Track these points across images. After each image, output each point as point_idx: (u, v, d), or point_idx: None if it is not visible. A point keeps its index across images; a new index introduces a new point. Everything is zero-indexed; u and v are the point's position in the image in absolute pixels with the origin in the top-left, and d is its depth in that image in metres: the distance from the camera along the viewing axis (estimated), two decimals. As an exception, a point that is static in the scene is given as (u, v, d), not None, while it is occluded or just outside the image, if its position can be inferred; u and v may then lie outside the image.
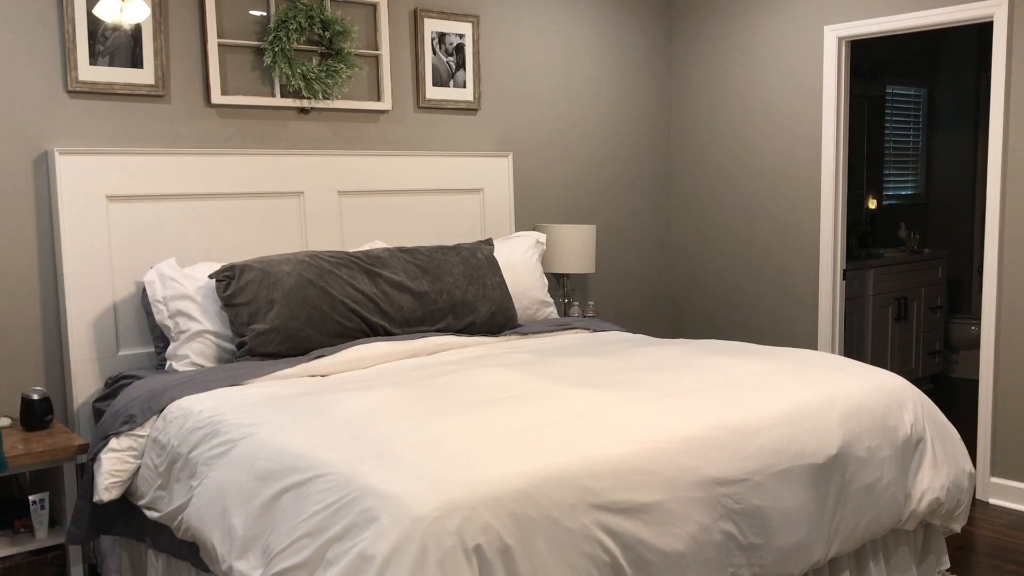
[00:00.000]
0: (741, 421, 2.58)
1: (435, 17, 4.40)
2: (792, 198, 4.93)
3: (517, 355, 3.41)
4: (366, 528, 2.01)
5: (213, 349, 3.38)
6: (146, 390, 3.07)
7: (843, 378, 3.00)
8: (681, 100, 5.41)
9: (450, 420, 2.50)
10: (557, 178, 4.97)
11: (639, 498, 2.24)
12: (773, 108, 4.96)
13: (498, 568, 1.99)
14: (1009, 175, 4.09)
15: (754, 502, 2.45)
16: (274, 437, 2.49)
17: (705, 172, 5.33)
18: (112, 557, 3.24)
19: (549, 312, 4.34)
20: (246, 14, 3.86)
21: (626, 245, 5.32)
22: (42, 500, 3.09)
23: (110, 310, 3.50)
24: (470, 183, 4.49)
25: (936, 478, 2.95)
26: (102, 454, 2.94)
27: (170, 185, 3.61)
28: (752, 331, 5.14)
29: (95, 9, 3.44)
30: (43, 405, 3.23)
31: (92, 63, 3.47)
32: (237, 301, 3.33)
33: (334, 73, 3.99)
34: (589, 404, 2.66)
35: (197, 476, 2.63)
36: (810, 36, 4.76)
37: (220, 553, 2.42)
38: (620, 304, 5.30)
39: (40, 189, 3.42)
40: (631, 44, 5.24)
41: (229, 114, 3.84)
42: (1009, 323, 4.14)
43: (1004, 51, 4.02)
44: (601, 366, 3.18)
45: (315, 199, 3.99)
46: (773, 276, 5.05)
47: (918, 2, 4.33)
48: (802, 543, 2.56)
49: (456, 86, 4.51)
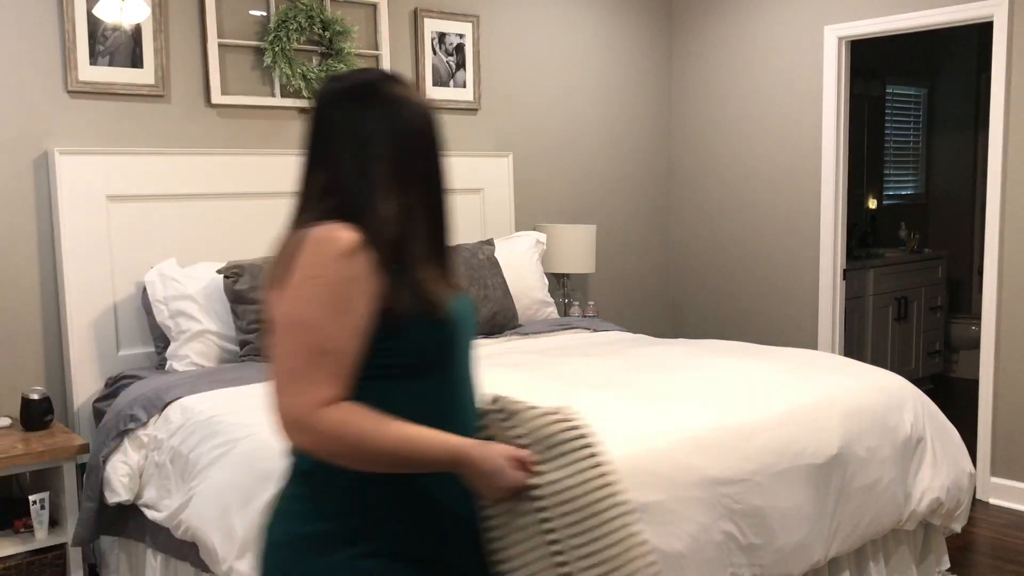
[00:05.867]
0: (741, 421, 2.58)
1: (435, 17, 4.40)
2: (792, 198, 4.93)
3: (518, 355, 3.41)
4: (366, 528, 2.01)
5: (214, 349, 3.38)
6: (147, 390, 3.07)
7: (843, 378, 3.00)
8: (681, 100, 5.41)
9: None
10: (557, 178, 4.97)
11: (639, 498, 2.23)
12: (773, 108, 4.96)
13: (498, 568, 1.99)
14: (1009, 175, 4.09)
15: (754, 502, 2.45)
16: (274, 437, 2.48)
17: (705, 172, 5.32)
18: (112, 557, 3.24)
19: (549, 312, 4.34)
20: (246, 14, 3.86)
21: (626, 245, 5.32)
22: (42, 500, 3.08)
23: (110, 310, 3.50)
24: (470, 183, 4.49)
25: (936, 478, 2.95)
26: (115, 455, 2.95)
27: (170, 185, 3.61)
28: (752, 331, 5.14)
29: (95, 9, 3.43)
30: (43, 405, 3.23)
31: (92, 63, 3.47)
32: (247, 297, 3.33)
33: (334, 73, 3.99)
34: (589, 404, 2.65)
35: (197, 476, 2.63)
36: (810, 36, 4.76)
37: (220, 553, 2.41)
38: (620, 304, 5.30)
39: (40, 189, 3.42)
40: (631, 44, 5.24)
41: (229, 114, 3.84)
42: (1009, 323, 4.14)
43: (1004, 51, 4.02)
44: (601, 366, 3.18)
45: (315, 199, 3.98)
46: (773, 276, 5.05)
47: (918, 2, 4.33)
48: (802, 543, 2.55)
49: (456, 86, 4.51)
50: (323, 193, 1.42)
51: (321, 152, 1.45)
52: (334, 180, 1.42)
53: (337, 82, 1.48)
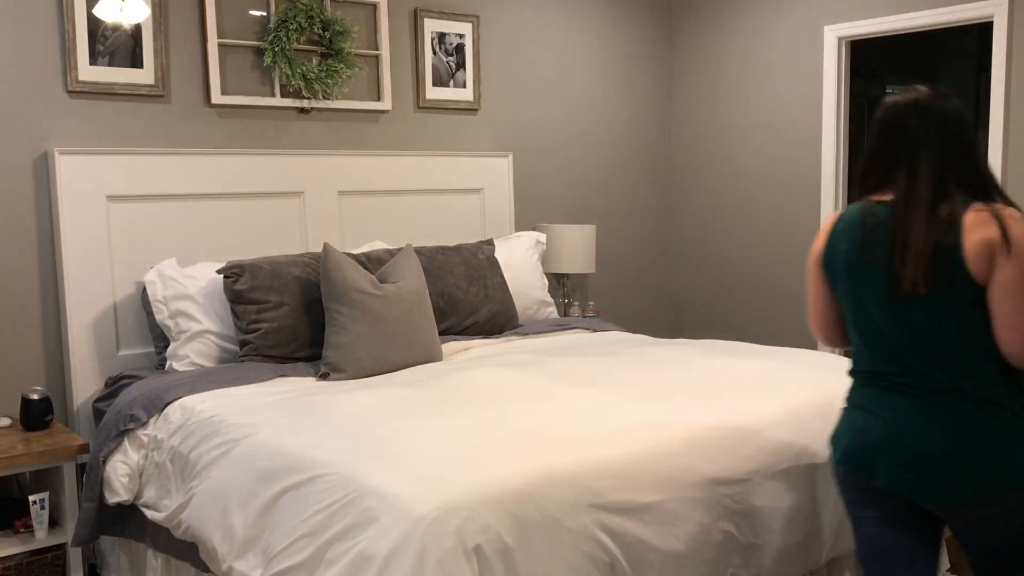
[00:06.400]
0: (741, 421, 2.58)
1: (435, 17, 4.40)
2: (792, 198, 4.93)
3: (518, 355, 3.41)
4: (366, 528, 2.01)
5: (213, 349, 3.38)
6: (147, 390, 3.07)
7: (843, 378, 2.99)
8: (681, 100, 5.41)
9: (450, 420, 2.50)
10: (557, 178, 4.97)
11: (639, 498, 2.24)
12: (773, 108, 4.96)
13: (498, 568, 1.99)
14: (1009, 175, 4.09)
15: (754, 502, 2.45)
16: (274, 437, 2.49)
17: (705, 172, 5.33)
18: (112, 557, 3.24)
19: (549, 312, 4.34)
20: (246, 14, 3.86)
21: (626, 245, 5.32)
22: (42, 500, 3.08)
23: (110, 310, 3.50)
24: (470, 183, 4.49)
25: (936, 478, 2.95)
26: (115, 455, 2.95)
27: (170, 185, 3.61)
28: (752, 331, 5.14)
29: (95, 9, 3.43)
30: (43, 405, 3.23)
31: (92, 63, 3.47)
32: (247, 297, 3.33)
33: (334, 73, 3.99)
34: (589, 404, 2.66)
35: (197, 476, 2.63)
36: (810, 36, 4.76)
37: (220, 553, 2.42)
38: (620, 304, 5.30)
39: (40, 189, 3.42)
40: (631, 44, 5.24)
41: (229, 114, 3.84)
42: (1009, 323, 4.13)
43: (1004, 51, 4.02)
44: (601, 366, 3.18)
45: (315, 199, 3.99)
46: (773, 276, 5.05)
47: (918, 2, 4.33)
48: (802, 543, 2.55)
49: (456, 86, 4.51)
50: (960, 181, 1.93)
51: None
52: (973, 171, 1.94)
53: (951, 100, 1.98)
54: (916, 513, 2.01)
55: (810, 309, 2.21)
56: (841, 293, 2.07)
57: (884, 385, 1.99)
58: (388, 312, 3.31)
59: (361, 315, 3.26)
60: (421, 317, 3.41)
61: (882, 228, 1.96)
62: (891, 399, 1.97)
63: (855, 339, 2.07)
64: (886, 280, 1.94)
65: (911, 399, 1.94)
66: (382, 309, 3.30)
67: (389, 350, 3.29)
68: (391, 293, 3.35)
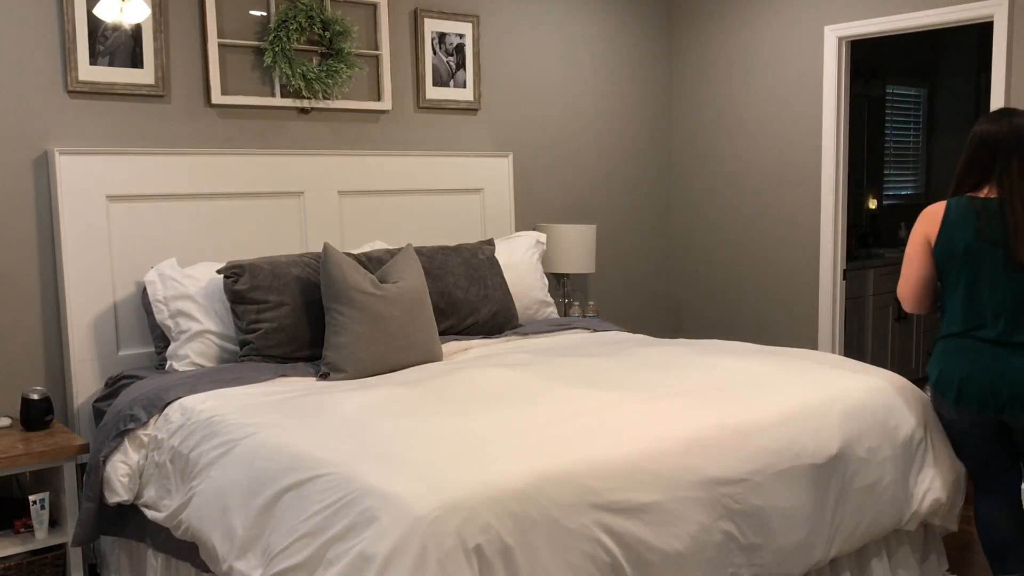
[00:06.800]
0: (741, 421, 2.58)
1: (435, 17, 4.40)
2: (792, 198, 4.93)
3: (518, 355, 3.41)
4: (366, 528, 2.01)
5: (214, 349, 3.38)
6: (147, 390, 3.07)
7: (843, 378, 2.99)
8: (681, 100, 5.41)
9: (450, 420, 2.50)
10: (557, 178, 4.97)
11: (639, 498, 2.24)
12: (773, 108, 4.96)
13: (498, 568, 1.99)
14: (1009, 175, 4.08)
15: (754, 502, 2.45)
16: (274, 437, 2.49)
17: (705, 172, 5.33)
18: (112, 557, 3.24)
19: (549, 312, 4.34)
20: (246, 14, 3.86)
21: (626, 245, 5.32)
22: (42, 500, 3.09)
23: (110, 310, 3.50)
24: (470, 183, 4.49)
25: (937, 478, 2.95)
26: (115, 455, 2.95)
27: (170, 185, 3.61)
28: (752, 331, 5.14)
29: (95, 9, 3.44)
30: (43, 405, 3.23)
31: (92, 63, 3.47)
32: (247, 297, 3.33)
33: (334, 73, 3.99)
34: (589, 404, 2.66)
35: (197, 476, 2.63)
36: (810, 36, 4.76)
37: (220, 553, 2.42)
38: (620, 304, 5.30)
39: (40, 189, 3.42)
40: (631, 44, 5.24)
41: (229, 114, 3.84)
42: (1009, 323, 4.13)
43: (1004, 51, 4.02)
44: (601, 366, 3.18)
45: (315, 199, 3.99)
46: (773, 276, 5.05)
47: (918, 2, 4.33)
48: (802, 543, 2.56)
49: (456, 86, 4.51)
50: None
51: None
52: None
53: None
54: (1002, 428, 2.80)
55: (905, 282, 2.90)
56: (954, 271, 2.76)
57: (984, 338, 2.72)
58: (388, 312, 3.31)
59: (361, 315, 3.26)
60: (421, 317, 3.41)
61: (996, 217, 2.67)
62: (990, 349, 2.71)
63: (956, 307, 2.77)
64: (1003, 255, 2.66)
65: (1008, 349, 2.67)
66: (382, 309, 3.30)
67: (389, 350, 3.29)
68: (391, 293, 3.35)
